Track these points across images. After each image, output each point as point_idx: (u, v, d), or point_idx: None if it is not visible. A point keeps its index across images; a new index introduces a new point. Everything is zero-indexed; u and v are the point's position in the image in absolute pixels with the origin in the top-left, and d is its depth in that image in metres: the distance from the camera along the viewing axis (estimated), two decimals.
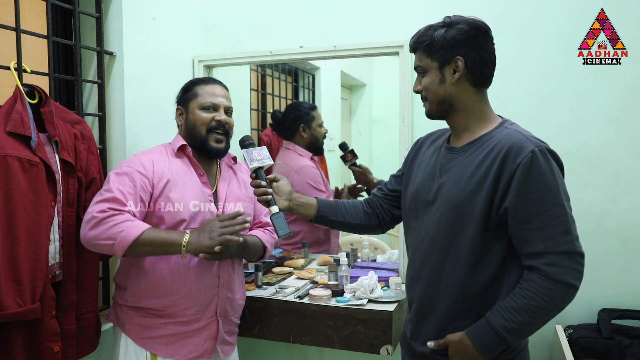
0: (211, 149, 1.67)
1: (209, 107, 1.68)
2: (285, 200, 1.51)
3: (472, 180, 1.28)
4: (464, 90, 1.33)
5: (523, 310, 1.22)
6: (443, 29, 1.31)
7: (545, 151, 1.23)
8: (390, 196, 1.60)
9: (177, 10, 2.27)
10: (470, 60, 1.30)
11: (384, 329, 1.78)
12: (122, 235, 1.45)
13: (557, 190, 1.22)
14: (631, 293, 1.97)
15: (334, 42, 2.19)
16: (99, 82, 1.92)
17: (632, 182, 1.96)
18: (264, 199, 1.48)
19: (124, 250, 1.46)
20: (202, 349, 1.64)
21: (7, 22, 1.58)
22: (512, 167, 1.22)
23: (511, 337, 1.24)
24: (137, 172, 1.56)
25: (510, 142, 1.25)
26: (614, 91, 1.96)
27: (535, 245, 1.22)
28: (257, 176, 1.51)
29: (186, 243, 1.49)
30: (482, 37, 1.31)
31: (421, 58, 1.35)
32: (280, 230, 1.46)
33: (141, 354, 1.60)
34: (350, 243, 2.78)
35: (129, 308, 1.62)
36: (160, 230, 1.54)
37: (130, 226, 1.47)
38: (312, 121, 2.60)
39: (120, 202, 1.50)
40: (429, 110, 1.39)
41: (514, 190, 1.22)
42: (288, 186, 1.54)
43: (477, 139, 1.33)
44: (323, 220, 1.58)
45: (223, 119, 1.68)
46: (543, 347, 2.02)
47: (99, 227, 1.47)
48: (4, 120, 1.42)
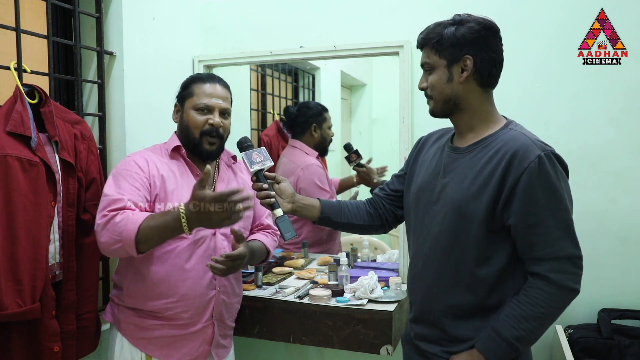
0: (203, 151, 1.64)
1: (202, 108, 1.62)
2: (289, 203, 1.50)
3: (476, 181, 1.27)
4: (471, 89, 1.32)
5: (532, 318, 1.22)
6: (453, 27, 1.29)
7: (552, 156, 1.23)
8: (393, 196, 1.59)
9: (177, 10, 2.27)
10: (479, 60, 1.29)
11: (384, 329, 1.78)
12: (124, 235, 1.42)
13: (562, 195, 1.23)
14: (631, 293, 1.97)
15: (334, 42, 2.18)
16: (99, 82, 1.92)
17: (632, 182, 1.96)
18: (267, 202, 1.45)
19: (134, 249, 1.42)
20: (196, 353, 1.63)
21: (7, 22, 1.58)
22: (519, 172, 1.21)
23: (522, 346, 1.25)
24: (135, 173, 1.55)
25: (516, 145, 1.24)
26: (614, 91, 1.96)
27: (541, 250, 1.22)
28: (257, 179, 1.47)
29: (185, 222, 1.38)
30: (492, 37, 1.31)
31: (429, 55, 1.34)
32: (287, 234, 1.44)
33: (136, 354, 1.59)
34: (350, 243, 2.78)
35: (125, 308, 1.62)
36: (155, 217, 1.45)
37: (127, 223, 1.42)
38: (324, 122, 2.66)
39: (118, 200, 1.47)
40: (433, 108, 1.38)
41: (520, 195, 1.22)
42: (290, 187, 1.52)
43: (481, 140, 1.32)
44: (327, 221, 1.56)
45: (216, 122, 1.62)
46: (543, 347, 2.01)
47: (104, 234, 1.45)
48: (4, 120, 1.42)
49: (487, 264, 1.28)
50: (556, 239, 1.21)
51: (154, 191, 1.56)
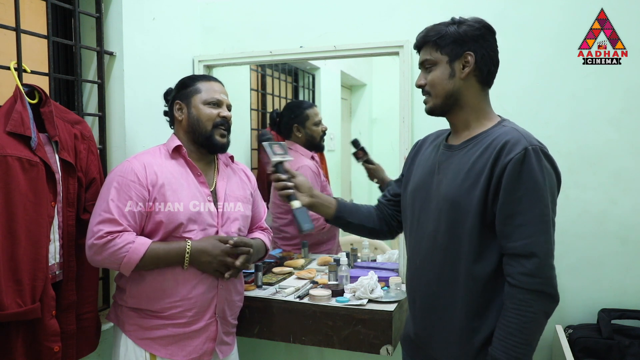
0: (217, 143, 1.69)
1: (214, 102, 1.69)
2: (307, 197, 1.52)
3: (468, 176, 1.28)
4: (471, 86, 1.34)
5: (519, 331, 1.21)
6: (454, 25, 1.33)
7: (539, 151, 1.23)
8: (394, 201, 1.61)
9: (177, 10, 2.27)
10: (480, 57, 1.32)
11: (384, 329, 1.78)
12: (125, 260, 1.51)
13: (544, 190, 1.22)
14: (631, 293, 1.97)
15: (334, 42, 2.19)
16: (99, 82, 1.92)
17: (632, 183, 1.96)
18: (285, 194, 1.49)
19: (129, 272, 1.54)
20: (201, 351, 1.64)
21: (7, 22, 1.58)
22: (504, 163, 1.22)
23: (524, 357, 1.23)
24: (131, 182, 1.56)
25: (506, 138, 1.25)
26: (614, 91, 1.96)
27: (515, 242, 1.22)
28: (276, 170, 1.52)
29: (187, 263, 1.57)
30: (490, 36, 1.34)
31: (430, 52, 1.35)
32: (305, 225, 1.45)
33: (141, 354, 1.60)
34: (350, 243, 2.78)
35: (128, 309, 1.62)
36: (160, 246, 1.56)
37: (131, 250, 1.51)
38: (307, 120, 2.61)
39: (117, 222, 1.51)
40: (432, 105, 1.38)
41: (503, 185, 1.23)
42: (308, 182, 1.56)
43: (474, 137, 1.34)
44: (340, 220, 1.59)
45: (228, 115, 1.71)
46: (543, 347, 2.01)
47: (102, 253, 1.51)
48: (4, 120, 1.42)
49: (483, 260, 1.28)
50: (531, 233, 1.21)
51: (152, 196, 1.58)
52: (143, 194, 1.56)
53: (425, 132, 1.59)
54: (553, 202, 1.25)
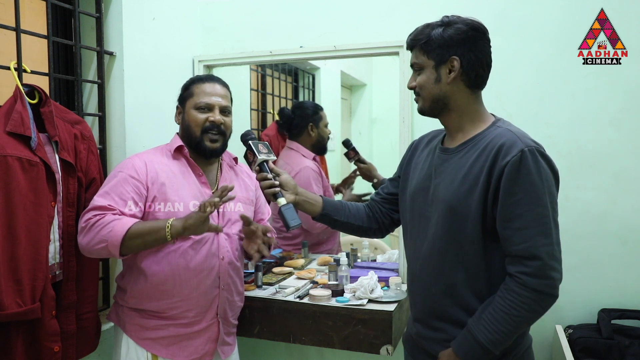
0: (206, 148, 1.65)
1: (203, 107, 1.66)
2: (292, 194, 1.52)
3: (465, 180, 1.28)
4: (459, 90, 1.33)
5: (506, 321, 1.22)
6: (441, 28, 1.31)
7: (535, 152, 1.23)
8: (388, 200, 1.61)
9: (177, 10, 2.27)
10: (466, 61, 1.30)
11: (384, 329, 1.78)
12: (111, 235, 1.45)
13: (542, 192, 1.21)
14: (631, 293, 1.97)
15: (334, 42, 2.19)
16: (99, 82, 1.92)
17: (632, 183, 1.96)
18: (271, 192, 1.49)
19: (118, 249, 1.46)
20: (203, 351, 1.64)
21: (7, 22, 1.58)
22: (501, 166, 1.22)
23: (497, 349, 1.24)
24: (129, 177, 1.56)
25: (502, 141, 1.25)
26: (614, 91, 1.96)
27: (516, 245, 1.22)
28: (261, 169, 1.52)
29: (170, 225, 1.47)
30: (479, 38, 1.31)
31: (418, 55, 1.35)
32: (292, 221, 1.45)
33: (142, 354, 1.60)
34: (350, 243, 2.78)
35: (129, 309, 1.62)
36: (146, 223, 1.52)
37: (117, 224, 1.46)
38: (320, 121, 2.65)
39: (107, 207, 1.50)
40: (422, 106, 1.39)
41: (501, 188, 1.22)
42: (292, 180, 1.56)
43: (470, 139, 1.33)
44: (326, 218, 1.58)
45: (217, 119, 1.65)
46: (543, 347, 2.01)
47: (89, 233, 1.48)
48: (4, 120, 1.42)
49: (484, 264, 1.28)
50: (532, 235, 1.20)
51: (151, 194, 1.57)
52: (140, 190, 1.56)
53: (425, 132, 1.59)
54: (553, 202, 1.25)
